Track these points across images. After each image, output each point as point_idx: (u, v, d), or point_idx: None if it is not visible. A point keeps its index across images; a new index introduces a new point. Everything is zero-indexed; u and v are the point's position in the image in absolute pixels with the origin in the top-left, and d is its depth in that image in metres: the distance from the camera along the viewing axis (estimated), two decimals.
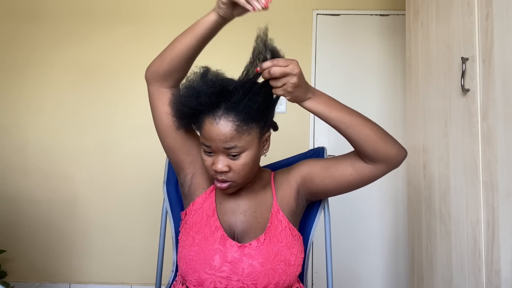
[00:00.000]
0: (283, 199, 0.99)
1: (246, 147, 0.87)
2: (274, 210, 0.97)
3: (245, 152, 0.88)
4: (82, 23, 2.69)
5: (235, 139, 0.85)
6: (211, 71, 0.92)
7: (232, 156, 0.87)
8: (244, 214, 0.97)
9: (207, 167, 0.91)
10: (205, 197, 0.99)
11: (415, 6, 1.71)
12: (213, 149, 0.87)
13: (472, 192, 1.20)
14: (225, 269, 0.89)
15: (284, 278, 0.91)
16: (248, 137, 0.87)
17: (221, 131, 0.84)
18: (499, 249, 1.06)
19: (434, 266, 1.48)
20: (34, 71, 2.66)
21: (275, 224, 0.95)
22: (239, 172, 0.89)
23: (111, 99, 2.66)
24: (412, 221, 1.73)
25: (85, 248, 2.58)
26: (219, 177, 0.89)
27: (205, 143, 0.88)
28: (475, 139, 1.18)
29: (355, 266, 2.57)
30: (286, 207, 0.99)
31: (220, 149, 0.86)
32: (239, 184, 0.92)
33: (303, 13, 2.69)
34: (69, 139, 2.63)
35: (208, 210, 0.97)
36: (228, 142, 0.85)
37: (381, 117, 2.66)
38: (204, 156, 0.91)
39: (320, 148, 1.25)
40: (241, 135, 0.85)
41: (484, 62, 1.14)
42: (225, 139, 0.84)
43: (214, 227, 0.94)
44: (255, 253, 0.91)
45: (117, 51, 2.67)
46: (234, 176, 0.89)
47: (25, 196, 2.59)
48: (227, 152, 0.87)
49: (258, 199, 0.99)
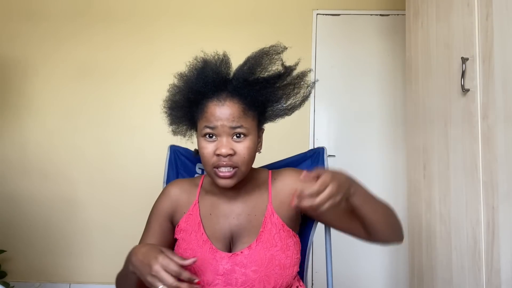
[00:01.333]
0: (281, 205, 0.95)
1: (250, 131, 0.87)
2: (268, 213, 0.93)
3: (248, 136, 0.87)
4: (82, 23, 2.69)
5: (241, 119, 0.85)
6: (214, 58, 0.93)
7: (237, 138, 0.86)
8: (238, 218, 0.94)
9: (207, 156, 0.86)
10: (187, 216, 0.96)
11: (415, 6, 1.71)
12: (217, 131, 0.85)
13: (472, 192, 1.20)
14: (218, 282, 0.87)
15: (281, 281, 0.89)
16: (252, 122, 0.88)
17: (228, 110, 0.85)
18: (499, 249, 1.06)
19: (434, 266, 1.48)
20: (34, 71, 2.66)
21: (269, 227, 0.91)
22: (244, 156, 0.86)
23: (111, 99, 2.66)
24: (412, 221, 1.73)
25: (85, 248, 2.58)
26: (223, 162, 0.85)
27: (209, 125, 0.85)
28: (475, 139, 1.18)
29: (355, 266, 2.57)
30: (285, 213, 0.94)
31: (226, 130, 0.84)
32: (242, 172, 0.88)
33: (303, 13, 2.69)
34: (69, 139, 2.63)
35: (193, 225, 0.94)
36: (235, 122, 0.84)
37: (381, 117, 2.66)
38: (204, 143, 0.87)
39: (320, 148, 1.25)
40: (246, 117, 0.86)
41: (484, 62, 1.14)
42: (232, 118, 0.84)
43: (202, 241, 0.91)
44: (247, 261, 0.88)
45: (117, 51, 2.68)
46: (239, 161, 0.85)
47: (25, 196, 2.59)
48: (233, 132, 0.85)
49: (252, 201, 0.95)
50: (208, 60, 0.93)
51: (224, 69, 0.91)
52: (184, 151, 1.28)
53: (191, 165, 1.28)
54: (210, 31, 2.66)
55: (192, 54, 0.97)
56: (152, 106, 2.64)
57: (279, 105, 0.95)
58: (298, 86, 0.95)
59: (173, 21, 2.69)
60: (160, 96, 0.97)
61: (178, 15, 2.69)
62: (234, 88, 0.87)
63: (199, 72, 0.91)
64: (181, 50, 2.64)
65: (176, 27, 2.68)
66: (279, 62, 0.94)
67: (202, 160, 0.89)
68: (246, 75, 0.90)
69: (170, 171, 1.26)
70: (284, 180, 0.97)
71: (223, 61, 0.92)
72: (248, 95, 0.87)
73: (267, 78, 0.92)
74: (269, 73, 0.93)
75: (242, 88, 0.87)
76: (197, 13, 2.69)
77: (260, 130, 0.95)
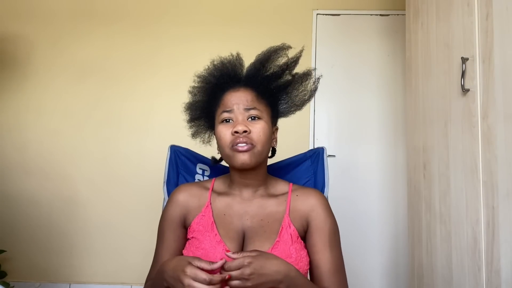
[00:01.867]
0: (296, 220, 0.96)
1: (263, 115, 0.96)
2: (284, 223, 0.95)
3: (262, 120, 0.95)
4: (82, 23, 2.69)
5: (255, 102, 0.95)
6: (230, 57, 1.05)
7: (252, 120, 0.94)
8: (251, 220, 0.96)
9: (224, 138, 0.93)
10: (200, 217, 0.98)
11: (415, 6, 1.71)
12: (234, 114, 0.94)
13: (472, 192, 1.20)
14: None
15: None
16: (265, 109, 0.97)
17: (243, 94, 0.95)
18: (499, 249, 1.06)
19: (434, 266, 1.48)
20: (34, 71, 2.66)
21: (285, 238, 0.93)
22: (259, 134, 0.93)
23: (111, 99, 2.66)
24: (412, 221, 1.73)
25: (85, 248, 2.58)
26: (240, 139, 0.91)
27: (226, 109, 0.95)
28: (475, 139, 1.18)
29: (355, 266, 2.57)
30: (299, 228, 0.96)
31: (241, 111, 0.94)
32: (259, 151, 0.93)
33: (303, 13, 2.69)
34: (69, 139, 2.63)
35: (206, 226, 0.96)
36: (249, 104, 0.94)
37: (381, 117, 2.66)
38: (221, 128, 0.94)
39: (320, 148, 1.25)
40: (260, 103, 0.96)
41: (484, 62, 1.14)
42: (246, 101, 0.95)
43: (215, 242, 0.93)
44: None
45: (118, 51, 2.68)
46: (255, 138, 0.92)
47: (26, 196, 2.59)
48: (248, 115, 0.94)
49: (267, 208, 0.98)
50: (224, 59, 1.04)
51: (239, 64, 1.03)
52: (185, 151, 1.28)
53: (192, 165, 1.28)
54: (210, 31, 2.66)
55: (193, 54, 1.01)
56: (153, 106, 2.65)
57: (289, 99, 1.05)
58: (305, 80, 1.05)
59: (174, 21, 2.70)
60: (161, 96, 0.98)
61: (179, 15, 2.69)
62: (247, 79, 0.99)
63: (217, 69, 1.03)
64: (182, 50, 2.64)
65: (177, 27, 2.68)
66: (285, 57, 1.04)
67: (220, 145, 0.95)
68: (257, 67, 1.01)
69: (171, 171, 1.25)
70: (306, 200, 0.99)
71: (237, 59, 1.04)
72: (260, 84, 0.98)
73: (276, 69, 1.02)
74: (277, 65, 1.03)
75: (255, 78, 0.99)
76: (197, 13, 2.69)
77: (274, 125, 1.03)
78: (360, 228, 2.59)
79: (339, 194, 2.49)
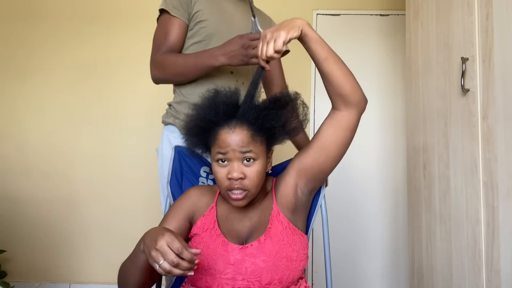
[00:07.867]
0: (282, 199, 1.03)
1: (258, 155, 0.95)
2: (274, 212, 1.01)
3: (257, 160, 0.95)
4: (82, 23, 2.69)
5: (250, 144, 0.94)
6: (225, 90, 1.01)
7: (247, 162, 0.94)
8: (250, 221, 1.03)
9: (220, 180, 0.95)
10: (204, 216, 1.04)
11: (415, 6, 1.71)
12: (228, 156, 0.93)
13: (472, 192, 1.20)
14: (229, 271, 0.93)
15: (287, 273, 0.95)
16: (260, 147, 0.96)
17: (238, 136, 0.93)
18: (499, 249, 1.06)
19: (434, 266, 1.48)
20: (34, 71, 2.66)
21: (275, 225, 0.99)
22: (253, 179, 0.94)
23: (111, 99, 2.66)
24: (412, 221, 1.73)
25: (85, 248, 2.58)
26: (235, 185, 0.93)
27: (221, 151, 0.94)
28: (475, 139, 1.18)
29: (355, 266, 2.57)
30: (285, 206, 1.02)
31: (236, 155, 0.93)
32: (253, 194, 0.97)
33: (303, 13, 2.69)
34: (69, 139, 2.63)
35: (209, 224, 1.02)
36: (244, 147, 0.93)
37: (381, 117, 2.66)
38: (217, 168, 0.96)
39: None
40: (255, 143, 0.95)
41: (484, 62, 1.14)
42: (242, 144, 0.93)
43: (215, 235, 0.99)
44: (256, 252, 0.95)
45: (118, 51, 2.67)
46: (249, 184, 0.94)
47: (25, 196, 2.59)
48: (243, 157, 0.93)
49: (262, 206, 1.04)
50: (220, 91, 1.01)
51: (234, 99, 0.99)
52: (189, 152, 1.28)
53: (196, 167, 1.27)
54: None
55: None
56: (153, 106, 2.64)
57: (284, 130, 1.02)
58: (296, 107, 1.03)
59: None
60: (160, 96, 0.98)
61: None
62: (242, 115, 0.95)
63: (211, 102, 0.99)
64: None
65: None
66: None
67: (217, 183, 0.98)
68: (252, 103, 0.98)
69: (175, 171, 1.24)
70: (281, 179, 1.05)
71: (233, 92, 1.00)
72: (255, 121, 0.95)
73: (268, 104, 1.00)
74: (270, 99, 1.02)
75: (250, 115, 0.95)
76: None
77: (270, 151, 1.04)
78: (360, 228, 2.59)
79: (339, 194, 2.49)
